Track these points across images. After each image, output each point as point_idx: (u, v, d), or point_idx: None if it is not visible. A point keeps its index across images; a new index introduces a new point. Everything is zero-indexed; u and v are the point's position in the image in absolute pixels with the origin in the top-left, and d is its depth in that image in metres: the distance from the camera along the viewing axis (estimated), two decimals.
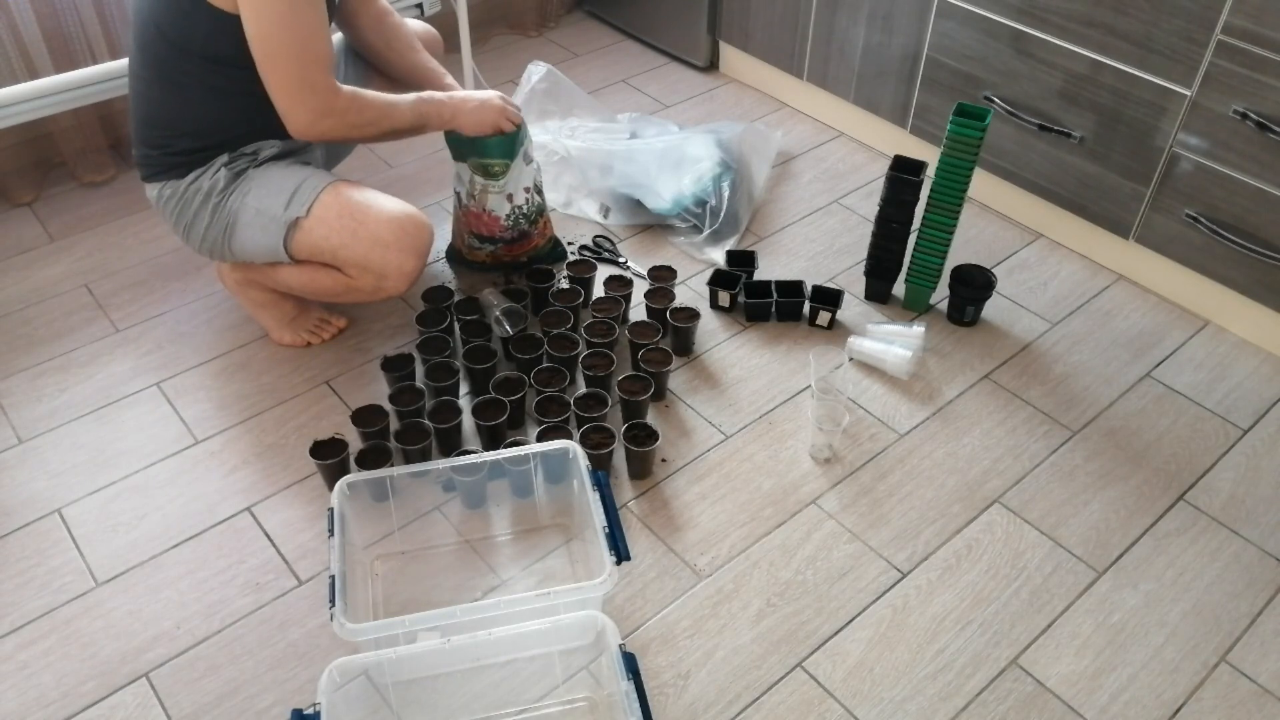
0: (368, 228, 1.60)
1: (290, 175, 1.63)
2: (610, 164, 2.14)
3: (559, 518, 1.55)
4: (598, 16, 2.91)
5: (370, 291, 1.68)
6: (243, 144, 1.64)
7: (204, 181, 1.62)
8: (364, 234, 1.60)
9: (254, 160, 1.65)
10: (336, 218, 1.60)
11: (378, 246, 1.61)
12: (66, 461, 1.64)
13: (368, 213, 1.61)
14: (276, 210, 1.61)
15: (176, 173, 1.63)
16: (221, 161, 1.62)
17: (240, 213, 1.63)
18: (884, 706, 1.33)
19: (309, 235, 1.62)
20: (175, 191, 1.64)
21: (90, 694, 1.34)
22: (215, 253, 1.70)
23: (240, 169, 1.63)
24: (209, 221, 1.64)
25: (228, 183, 1.62)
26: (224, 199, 1.63)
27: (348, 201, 1.61)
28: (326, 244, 1.62)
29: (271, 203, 1.61)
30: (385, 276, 1.64)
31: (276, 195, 1.61)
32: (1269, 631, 1.43)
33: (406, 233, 1.62)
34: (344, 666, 1.22)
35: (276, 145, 1.67)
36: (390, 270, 1.63)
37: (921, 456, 1.66)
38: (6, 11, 1.95)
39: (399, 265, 1.63)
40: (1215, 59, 1.67)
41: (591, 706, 1.32)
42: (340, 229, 1.60)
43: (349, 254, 1.62)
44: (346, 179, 1.68)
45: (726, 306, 1.92)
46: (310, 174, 1.64)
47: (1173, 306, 1.96)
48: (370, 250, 1.61)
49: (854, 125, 2.41)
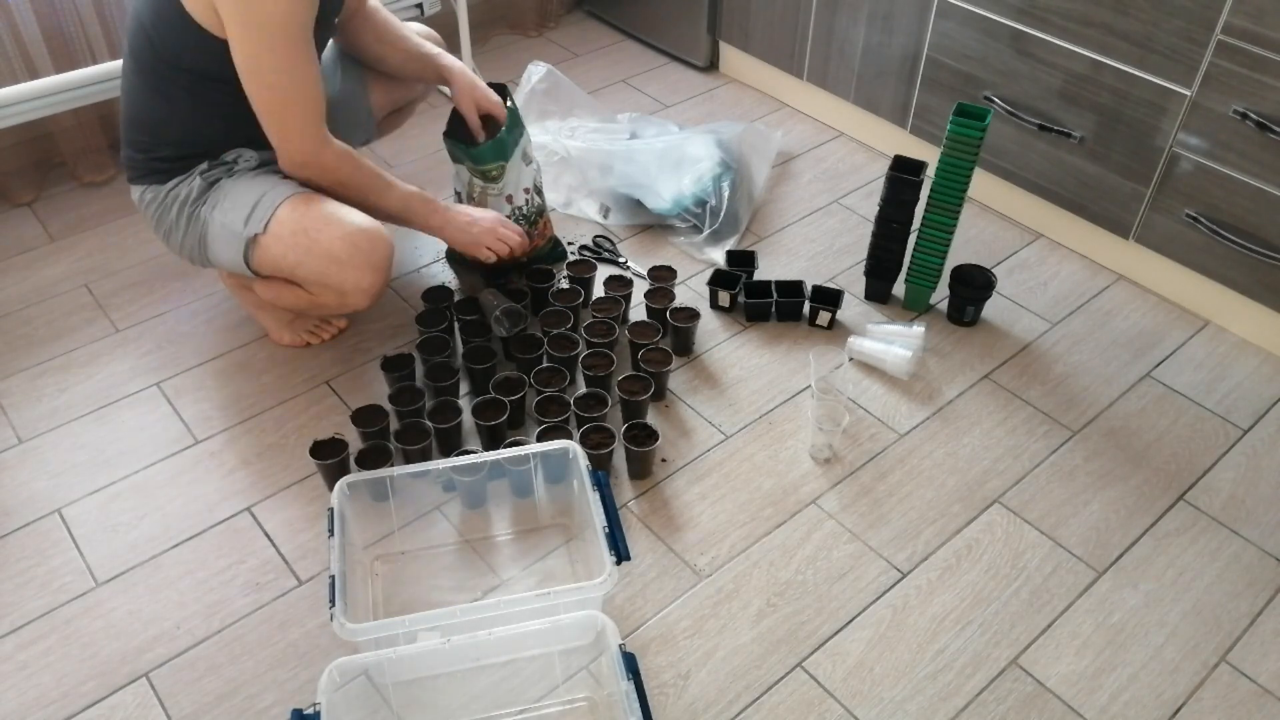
0: (321, 245, 1.56)
1: (254, 188, 1.60)
2: (610, 164, 2.14)
3: (559, 518, 1.55)
4: (598, 16, 2.91)
5: (336, 307, 1.66)
6: (223, 152, 1.63)
7: (181, 189, 1.61)
8: (318, 251, 1.56)
9: (229, 170, 1.63)
10: (291, 234, 1.56)
11: (333, 264, 1.57)
12: (66, 461, 1.64)
13: (321, 229, 1.56)
14: (237, 226, 1.58)
15: (158, 178, 1.63)
16: (200, 169, 1.61)
17: (209, 224, 1.61)
18: (884, 706, 1.33)
19: (267, 252, 1.59)
20: (156, 196, 1.63)
21: (90, 694, 1.34)
22: (195, 260, 1.69)
23: (215, 179, 1.62)
24: (185, 230, 1.63)
25: (200, 192, 1.61)
26: (196, 208, 1.62)
27: (303, 216, 1.56)
28: (284, 261, 1.59)
29: (234, 218, 1.59)
30: (344, 293, 1.61)
31: (239, 209, 1.59)
32: (1269, 631, 1.43)
33: (360, 249, 1.57)
34: (344, 666, 1.22)
35: (255, 157, 1.65)
36: (348, 287, 1.60)
37: (921, 456, 1.66)
38: (6, 11, 1.95)
39: (355, 282, 1.59)
40: (1215, 59, 1.67)
41: (591, 706, 1.32)
42: (295, 246, 1.57)
43: (306, 271, 1.59)
44: (310, 191, 1.62)
45: (726, 306, 1.92)
46: (271, 187, 1.60)
47: (1173, 306, 1.96)
48: (326, 268, 1.58)
49: (854, 125, 2.41)
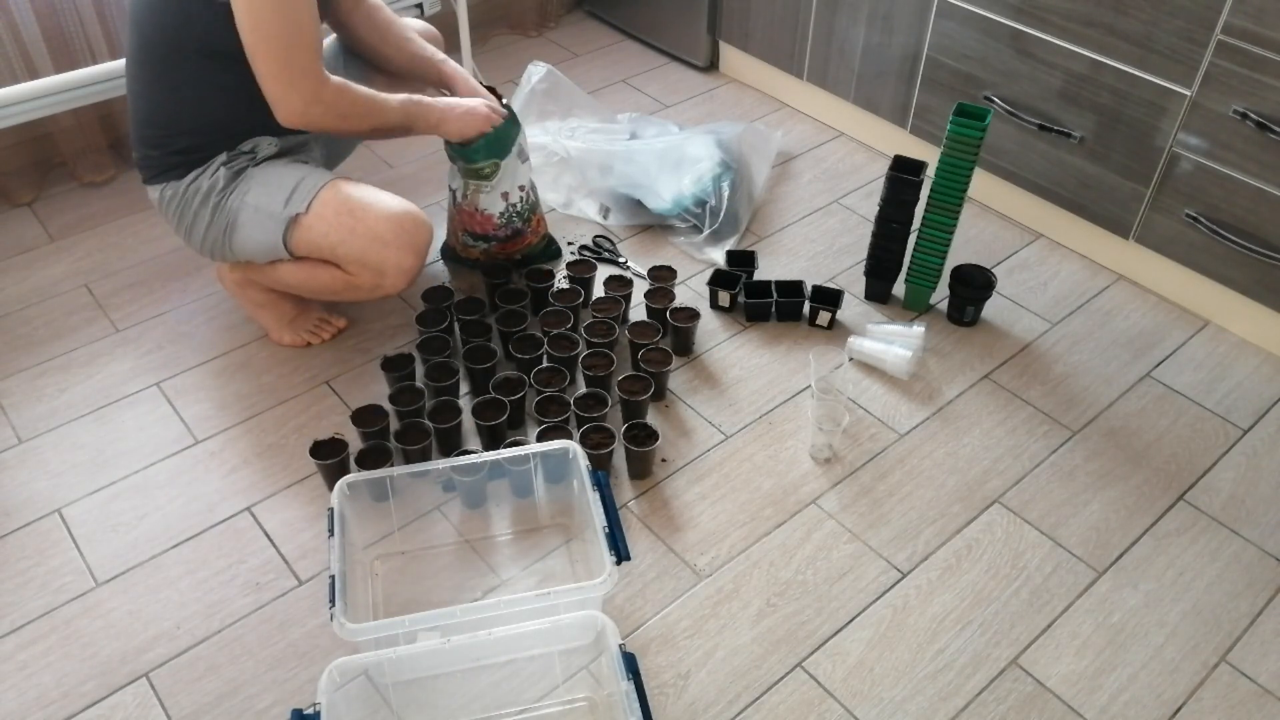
0: (366, 224, 1.60)
1: (290, 173, 1.63)
2: (610, 164, 2.14)
3: (559, 518, 1.55)
4: (598, 16, 2.91)
5: (370, 289, 1.68)
6: (240, 142, 1.64)
7: (203, 181, 1.62)
8: (362, 231, 1.60)
9: (253, 159, 1.65)
10: (335, 214, 1.60)
11: (376, 243, 1.61)
12: (66, 461, 1.64)
13: (367, 210, 1.60)
14: (276, 208, 1.61)
15: (176, 173, 1.63)
16: (220, 161, 1.62)
17: (240, 211, 1.63)
18: (884, 706, 1.33)
19: (308, 232, 1.62)
20: (176, 193, 1.64)
21: (90, 694, 1.34)
22: (216, 253, 1.69)
23: (240, 168, 1.63)
24: (209, 221, 1.64)
25: (227, 182, 1.62)
26: (224, 198, 1.63)
27: (347, 198, 1.61)
28: (325, 241, 1.62)
29: (271, 200, 1.61)
30: (384, 274, 1.64)
31: (276, 193, 1.61)
32: (1269, 631, 1.43)
33: (405, 230, 1.62)
34: (344, 666, 1.22)
35: (275, 144, 1.67)
36: (389, 268, 1.63)
37: (921, 456, 1.66)
38: (6, 11, 1.95)
39: (397, 263, 1.63)
40: (1215, 59, 1.67)
41: (591, 706, 1.32)
42: (339, 225, 1.60)
43: (347, 251, 1.62)
44: (346, 177, 1.68)
45: (726, 306, 1.92)
46: (309, 171, 1.64)
47: (1173, 306, 1.96)
48: (369, 247, 1.61)
49: (854, 125, 2.41)
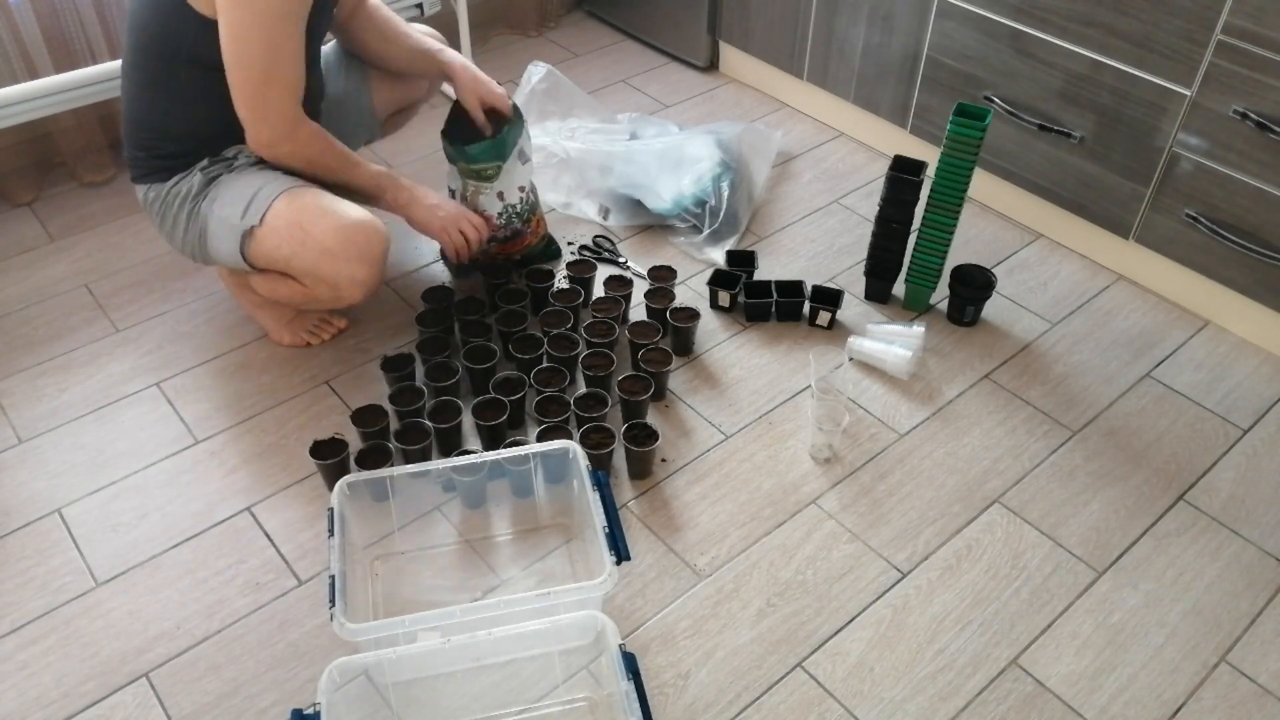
0: (314, 237, 1.56)
1: (251, 182, 1.60)
2: (610, 165, 2.14)
3: (559, 518, 1.55)
4: (598, 16, 2.91)
5: (330, 300, 1.65)
6: (224, 149, 1.63)
7: (182, 185, 1.62)
8: (311, 244, 1.56)
9: (229, 166, 1.63)
10: (286, 227, 1.56)
11: (325, 256, 1.57)
12: (66, 461, 1.64)
13: (315, 221, 1.56)
14: (234, 219, 1.59)
15: (160, 175, 1.63)
16: (200, 166, 1.62)
17: (209, 219, 1.62)
18: (884, 706, 1.33)
19: (262, 245, 1.59)
20: (159, 194, 1.64)
21: (90, 694, 1.34)
22: (196, 257, 1.69)
23: (215, 174, 1.62)
24: (186, 226, 1.64)
25: (201, 188, 1.62)
26: (197, 204, 1.62)
27: (299, 209, 1.57)
28: (278, 254, 1.59)
29: (231, 211, 1.59)
30: (338, 286, 1.61)
31: (236, 204, 1.59)
32: (1269, 631, 1.43)
33: (354, 241, 1.57)
34: (344, 666, 1.22)
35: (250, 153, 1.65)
36: (341, 280, 1.59)
37: (921, 456, 1.66)
38: (6, 11, 1.95)
39: (349, 275, 1.59)
40: (1215, 59, 1.67)
41: (591, 706, 1.32)
42: (290, 238, 1.57)
43: (300, 264, 1.59)
44: (308, 185, 1.62)
45: (726, 306, 1.92)
46: (269, 180, 1.60)
47: (1173, 306, 1.96)
48: (319, 260, 1.57)
49: (854, 125, 2.41)
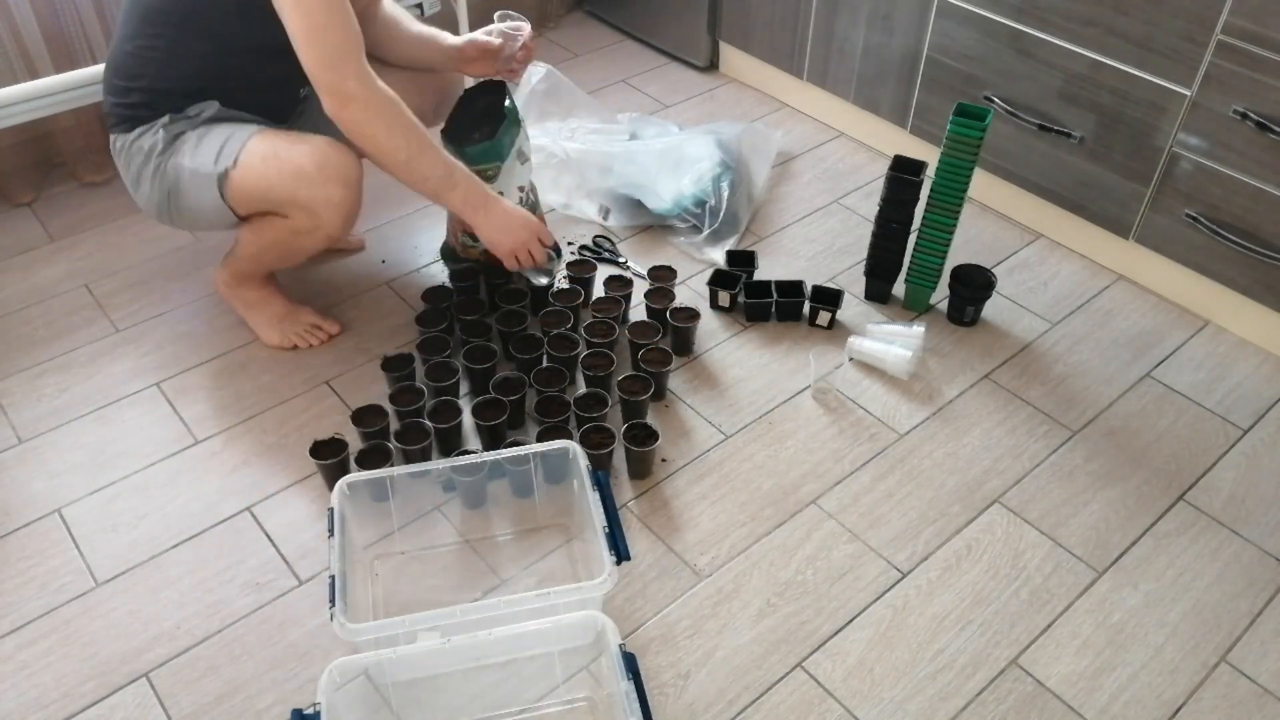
0: (291, 162, 1.58)
1: (221, 132, 1.62)
2: (610, 165, 2.14)
3: (559, 518, 1.55)
4: (598, 16, 2.91)
5: (310, 230, 1.65)
6: (188, 105, 1.64)
7: (145, 140, 1.63)
8: (287, 170, 1.58)
9: (193, 123, 1.64)
10: (261, 160, 1.59)
11: (302, 180, 1.58)
12: (66, 461, 1.64)
13: (289, 149, 1.59)
14: (208, 167, 1.60)
15: (125, 125, 1.64)
16: (162, 123, 1.62)
17: (179, 176, 1.63)
18: (884, 706, 1.33)
19: (241, 184, 1.61)
20: (124, 145, 1.65)
21: (90, 694, 1.34)
22: (162, 215, 1.69)
23: (179, 131, 1.63)
24: (151, 184, 1.65)
25: (165, 144, 1.62)
26: (162, 161, 1.63)
27: (272, 143, 1.60)
28: (256, 189, 1.61)
29: (203, 161, 1.61)
30: (315, 210, 1.61)
31: (207, 153, 1.61)
32: (1269, 631, 1.43)
33: (328, 160, 1.58)
34: (344, 666, 1.22)
35: (216, 107, 1.65)
36: (318, 202, 1.60)
37: (921, 456, 1.66)
38: (6, 11, 1.95)
39: (326, 196, 1.60)
40: (1215, 59, 1.67)
41: (591, 706, 1.32)
42: (265, 170, 1.59)
43: (279, 194, 1.61)
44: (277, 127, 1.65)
45: (726, 306, 1.92)
46: (238, 127, 1.63)
47: (1173, 306, 1.96)
48: (296, 185, 1.59)
49: (854, 125, 2.41)
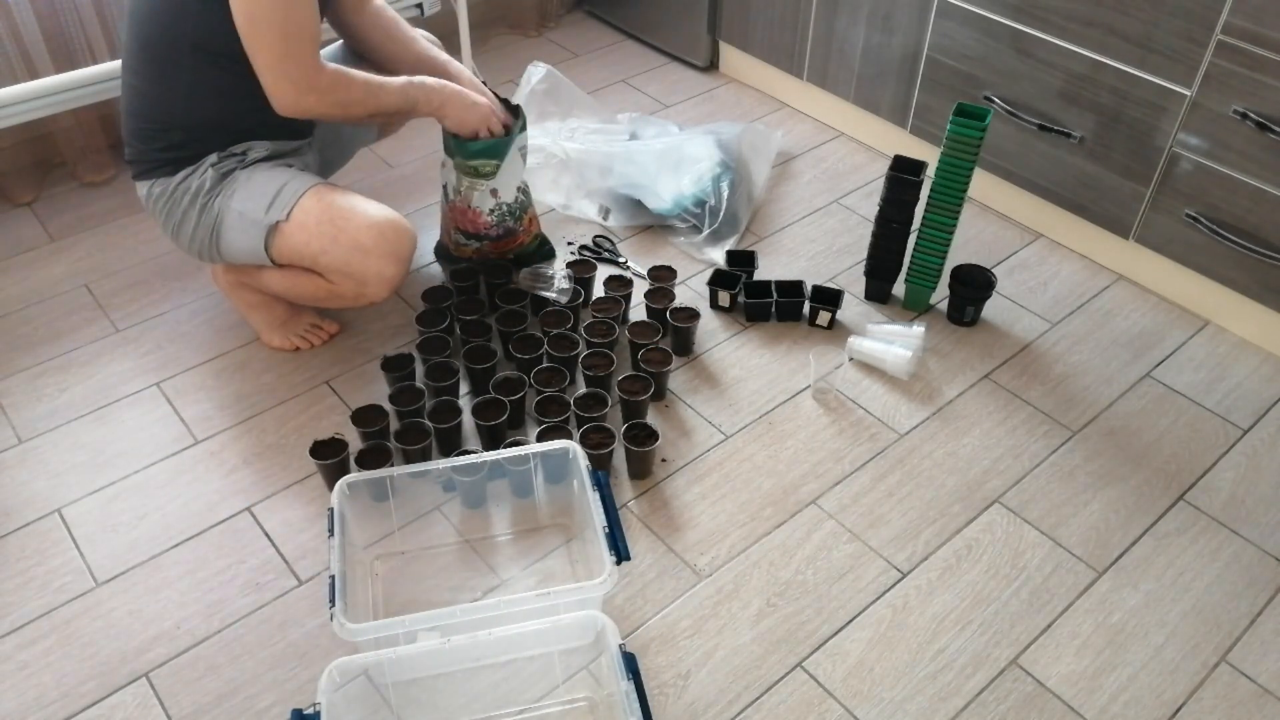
0: (348, 234, 1.58)
1: (274, 178, 1.62)
2: (610, 165, 2.14)
3: (559, 518, 1.55)
4: (598, 16, 2.91)
5: (352, 298, 1.66)
6: (232, 143, 1.63)
7: (193, 181, 1.62)
8: (344, 240, 1.58)
9: (242, 161, 1.64)
10: (316, 223, 1.58)
11: (357, 252, 1.59)
12: (66, 461, 1.64)
13: (348, 218, 1.58)
14: (258, 214, 1.59)
15: (166, 170, 1.63)
16: (210, 161, 1.62)
17: (225, 214, 1.62)
18: (884, 706, 1.33)
19: (289, 240, 1.60)
20: (165, 190, 1.64)
21: (90, 694, 1.34)
22: (204, 254, 1.69)
23: (228, 169, 1.62)
24: (196, 222, 1.64)
25: (214, 183, 1.62)
26: (210, 200, 1.62)
27: (329, 206, 1.59)
28: (307, 249, 1.60)
29: (253, 206, 1.60)
30: (365, 283, 1.62)
31: (259, 198, 1.60)
32: (1269, 631, 1.43)
33: (386, 239, 1.59)
34: (344, 666, 1.22)
35: (267, 147, 1.66)
36: (370, 276, 1.61)
37: (921, 456, 1.66)
38: (6, 11, 1.95)
39: (379, 271, 1.61)
40: (1215, 59, 1.67)
41: (591, 706, 1.32)
42: (320, 234, 1.58)
43: (329, 260, 1.60)
44: (332, 183, 1.66)
45: (726, 306, 1.92)
46: (293, 176, 1.62)
47: (1173, 306, 1.96)
48: (350, 256, 1.59)
49: (854, 125, 2.41)
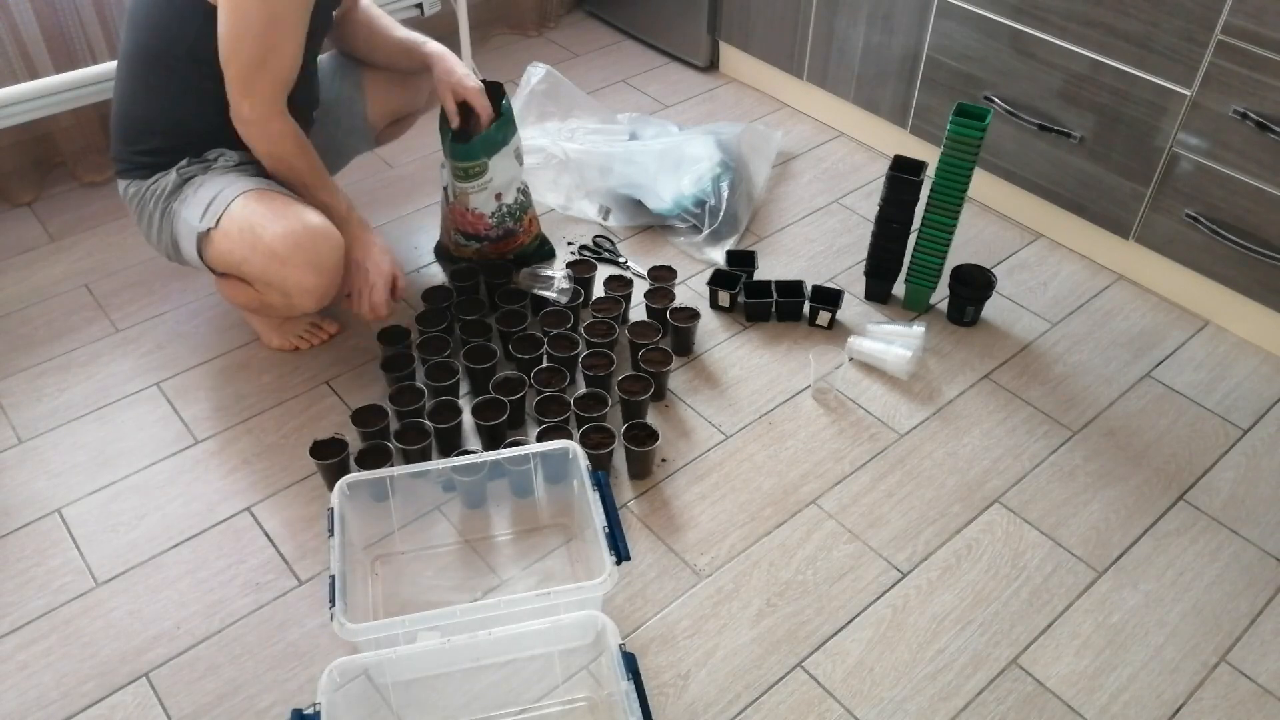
0: (265, 242, 1.52)
1: (216, 184, 1.58)
2: (610, 165, 2.14)
3: (559, 518, 1.55)
4: (598, 16, 2.91)
5: (283, 308, 1.63)
6: (206, 149, 1.62)
7: (160, 184, 1.61)
8: (261, 248, 1.53)
9: (206, 168, 1.61)
10: (238, 231, 1.54)
11: (274, 261, 1.53)
12: (66, 461, 1.64)
13: (266, 226, 1.52)
14: (194, 220, 1.57)
15: (142, 172, 1.63)
16: (178, 166, 1.61)
17: (175, 219, 1.61)
18: (884, 706, 1.33)
19: (217, 248, 1.57)
20: (138, 191, 1.64)
21: (90, 694, 1.34)
22: (170, 256, 1.69)
23: (190, 175, 1.61)
24: (159, 225, 1.63)
25: (175, 187, 1.61)
26: (169, 204, 1.61)
27: (252, 214, 1.54)
28: (231, 258, 1.57)
29: (192, 213, 1.58)
30: (288, 293, 1.57)
31: (198, 205, 1.57)
32: (1269, 631, 1.43)
33: (302, 247, 1.52)
34: (344, 666, 1.22)
35: (235, 156, 1.64)
36: (290, 287, 1.55)
37: (921, 456, 1.66)
38: (6, 11, 1.95)
39: (298, 282, 1.55)
40: (1215, 59, 1.67)
41: (591, 706, 1.32)
42: (240, 243, 1.54)
43: (250, 269, 1.56)
44: (273, 189, 1.59)
45: (726, 306, 1.92)
46: (232, 182, 1.57)
47: (1173, 306, 1.96)
48: (268, 265, 1.54)
49: (854, 125, 2.41)
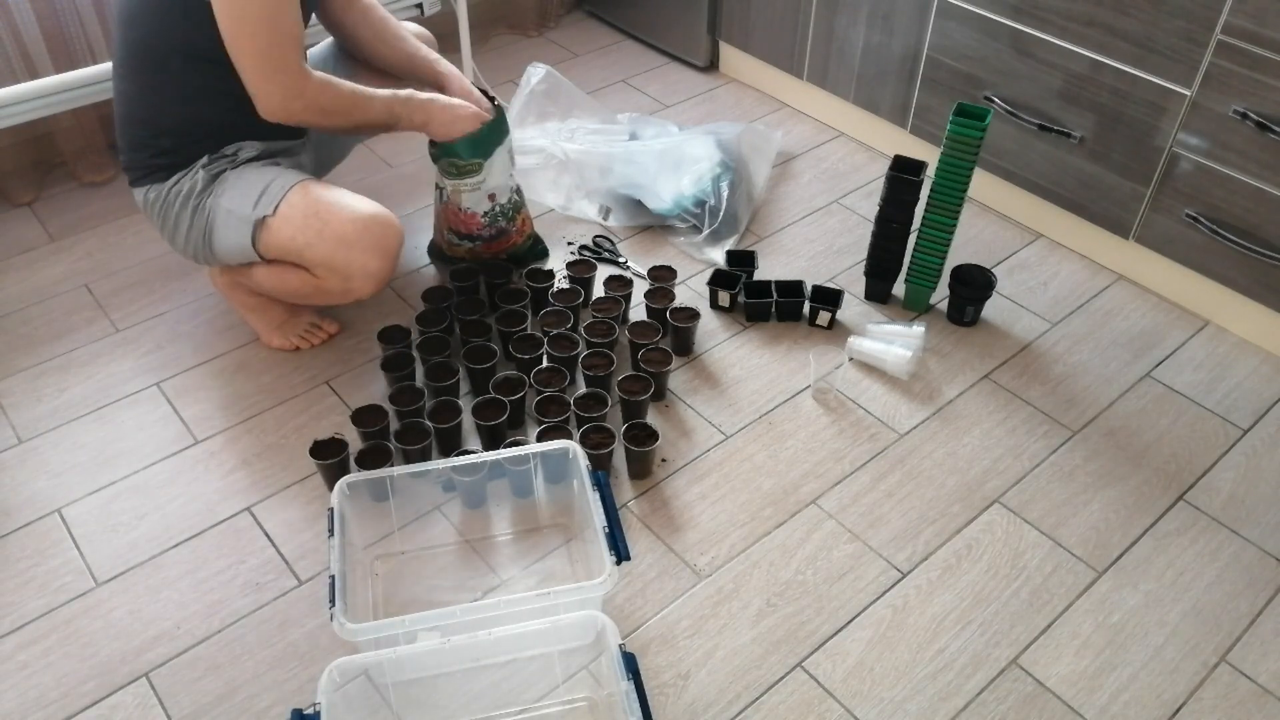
0: (332, 227, 1.57)
1: (262, 175, 1.62)
2: (610, 165, 2.14)
3: (559, 518, 1.55)
4: (598, 16, 2.91)
5: (339, 294, 1.65)
6: (223, 145, 1.63)
7: (184, 183, 1.62)
8: (329, 234, 1.57)
9: (233, 162, 1.63)
10: (302, 217, 1.58)
11: (342, 246, 1.58)
12: (66, 461, 1.64)
13: (333, 212, 1.58)
14: (246, 210, 1.59)
15: (159, 175, 1.63)
16: (201, 164, 1.62)
17: (215, 214, 1.62)
18: (884, 706, 1.33)
19: (276, 235, 1.60)
20: (159, 195, 1.64)
21: (90, 694, 1.34)
22: (198, 256, 1.69)
23: (218, 170, 1.62)
24: (190, 224, 1.64)
25: (205, 184, 1.62)
26: (202, 200, 1.62)
27: (315, 200, 1.59)
28: (292, 244, 1.60)
29: (241, 202, 1.60)
30: (350, 278, 1.61)
31: (246, 195, 1.60)
32: (1269, 631, 1.43)
33: (371, 232, 1.59)
34: (344, 666, 1.22)
35: (257, 147, 1.65)
36: (355, 271, 1.60)
37: (921, 456, 1.66)
38: (6, 11, 1.95)
39: (363, 265, 1.60)
40: (1215, 59, 1.67)
41: (591, 706, 1.32)
42: (305, 228, 1.58)
43: (314, 254, 1.59)
44: (319, 180, 1.65)
45: (726, 306, 1.92)
46: (280, 173, 1.62)
47: (1173, 306, 1.96)
48: (335, 250, 1.58)
49: (854, 125, 2.41)
